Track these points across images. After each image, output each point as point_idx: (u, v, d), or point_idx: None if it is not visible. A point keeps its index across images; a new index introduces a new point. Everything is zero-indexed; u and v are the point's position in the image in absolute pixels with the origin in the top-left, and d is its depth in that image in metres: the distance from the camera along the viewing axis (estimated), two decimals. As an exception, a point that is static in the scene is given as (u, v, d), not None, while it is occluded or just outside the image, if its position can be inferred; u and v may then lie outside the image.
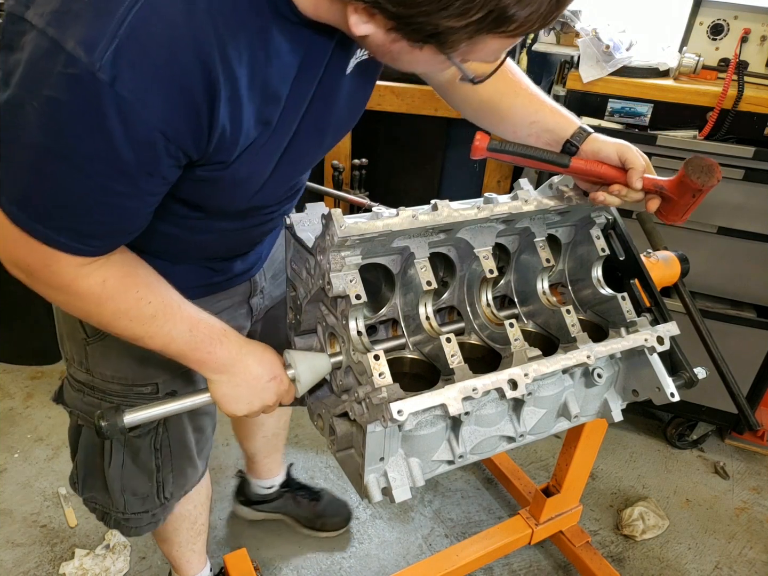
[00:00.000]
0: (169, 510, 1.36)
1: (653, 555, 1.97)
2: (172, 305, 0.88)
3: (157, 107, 0.66)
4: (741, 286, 2.06)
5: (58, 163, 0.68)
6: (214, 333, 0.92)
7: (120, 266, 0.83)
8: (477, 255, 1.01)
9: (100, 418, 0.89)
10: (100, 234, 0.77)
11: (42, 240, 0.73)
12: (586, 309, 1.18)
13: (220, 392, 0.95)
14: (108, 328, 0.87)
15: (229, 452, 2.23)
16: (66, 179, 0.69)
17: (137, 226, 0.81)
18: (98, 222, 0.76)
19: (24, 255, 0.76)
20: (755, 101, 1.80)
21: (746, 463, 2.35)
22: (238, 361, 0.94)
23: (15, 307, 2.44)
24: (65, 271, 0.78)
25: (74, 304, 0.84)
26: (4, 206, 0.72)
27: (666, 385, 1.06)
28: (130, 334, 0.87)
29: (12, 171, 0.71)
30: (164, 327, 0.87)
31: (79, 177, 0.69)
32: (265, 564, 1.85)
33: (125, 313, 0.84)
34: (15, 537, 1.88)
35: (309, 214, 1.03)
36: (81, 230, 0.75)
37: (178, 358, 0.92)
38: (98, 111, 0.64)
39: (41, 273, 0.78)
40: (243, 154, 0.81)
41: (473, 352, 1.07)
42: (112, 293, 0.82)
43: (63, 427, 2.27)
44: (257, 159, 0.84)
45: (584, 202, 1.07)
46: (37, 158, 0.68)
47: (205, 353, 0.91)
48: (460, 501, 2.11)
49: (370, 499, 0.93)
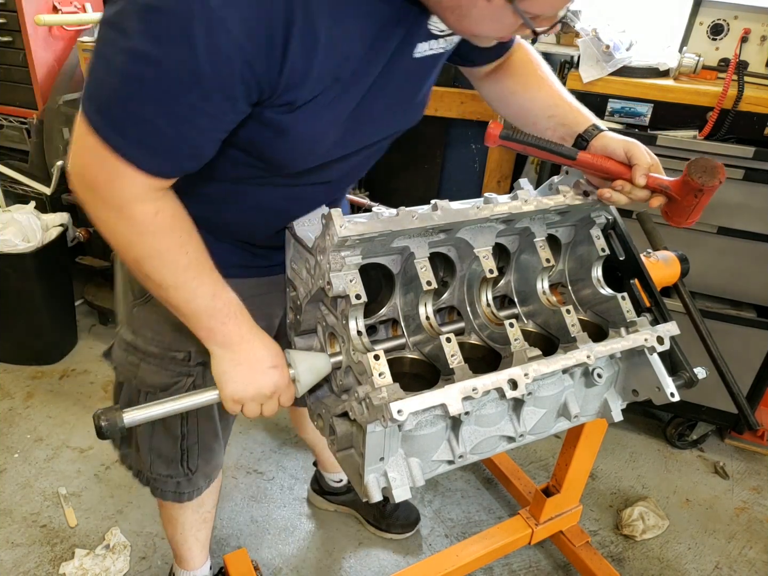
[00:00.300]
0: (196, 489, 1.38)
1: (653, 555, 1.97)
2: (204, 264, 0.90)
3: (239, 23, 0.70)
4: (741, 286, 2.06)
5: (146, 69, 0.72)
6: (232, 306, 0.93)
7: (173, 206, 0.86)
8: (477, 255, 1.01)
9: (99, 418, 0.89)
10: (170, 152, 0.80)
11: (116, 149, 0.77)
12: (586, 309, 1.18)
13: (220, 369, 0.95)
14: (140, 265, 0.87)
15: (229, 452, 2.23)
16: (150, 86, 0.73)
17: (203, 152, 0.83)
18: (170, 137, 0.78)
19: (94, 167, 0.80)
20: (755, 101, 1.80)
21: (746, 463, 2.35)
22: (246, 341, 0.95)
23: (15, 307, 2.44)
24: (127, 191, 0.80)
25: (120, 230, 0.85)
26: (88, 115, 0.77)
27: (666, 385, 1.06)
28: (157, 278, 0.88)
29: (102, 81, 0.76)
30: (191, 282, 0.88)
31: (161, 85, 0.73)
32: (265, 564, 1.85)
33: (162, 253, 0.86)
34: (15, 537, 1.88)
35: (309, 214, 1.03)
36: (153, 145, 0.78)
37: (190, 319, 0.92)
38: (188, 20, 0.69)
39: (104, 189, 0.81)
40: (309, 104, 0.83)
41: (473, 352, 1.07)
42: (159, 228, 0.84)
43: (63, 427, 2.28)
44: (322, 116, 0.86)
45: (583, 201, 1.07)
46: (129, 65, 0.72)
47: (219, 323, 0.92)
48: (460, 501, 2.11)
49: (370, 499, 0.93)
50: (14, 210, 2.47)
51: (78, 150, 0.82)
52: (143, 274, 0.89)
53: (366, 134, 1.00)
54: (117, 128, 0.76)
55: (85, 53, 2.48)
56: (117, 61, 0.73)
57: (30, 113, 2.62)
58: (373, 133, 1.02)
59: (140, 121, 0.76)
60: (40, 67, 2.54)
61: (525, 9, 0.76)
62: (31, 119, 2.63)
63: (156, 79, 0.72)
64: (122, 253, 0.88)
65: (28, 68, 2.53)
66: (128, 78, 0.73)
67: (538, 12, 0.78)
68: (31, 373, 2.54)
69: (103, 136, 0.77)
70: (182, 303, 0.90)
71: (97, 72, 0.76)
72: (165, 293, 0.90)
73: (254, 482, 2.12)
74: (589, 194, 1.07)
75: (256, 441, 2.29)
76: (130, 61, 0.72)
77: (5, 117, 2.69)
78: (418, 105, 1.07)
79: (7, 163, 2.68)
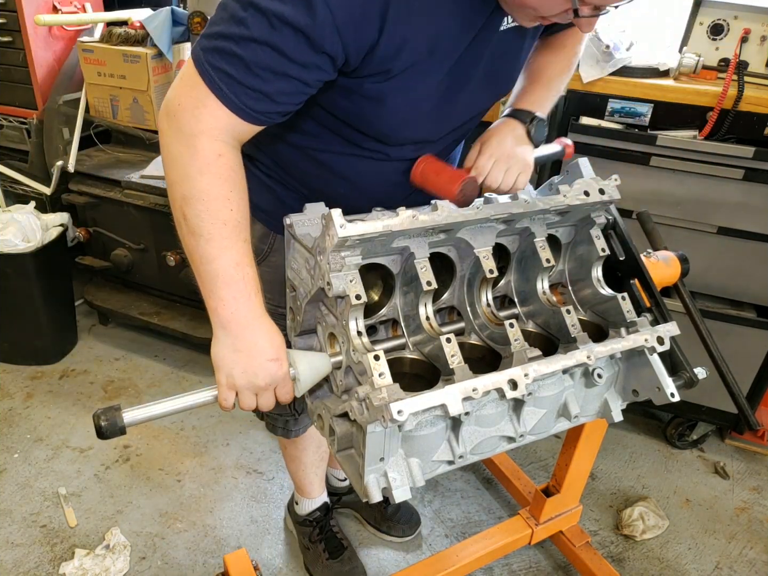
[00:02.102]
0: (300, 428, 1.53)
1: (653, 555, 1.97)
2: (241, 232, 0.92)
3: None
4: (741, 286, 2.05)
5: (247, 14, 0.81)
6: (249, 284, 0.93)
7: (236, 160, 0.91)
8: (477, 255, 1.01)
9: (99, 418, 0.89)
10: (255, 92, 0.86)
11: (205, 79, 0.85)
12: (586, 309, 1.18)
13: (219, 353, 0.95)
14: (185, 204, 0.89)
15: (229, 452, 2.23)
16: (251, 27, 0.81)
17: (285, 103, 0.90)
18: (258, 78, 0.85)
19: (184, 92, 0.87)
20: (755, 101, 1.80)
21: (746, 463, 2.35)
22: (251, 327, 0.94)
23: (15, 307, 2.45)
24: (205, 121, 0.86)
25: (183, 161, 0.88)
26: (197, 47, 0.86)
27: (666, 385, 1.06)
28: (193, 224, 0.89)
29: (215, 21, 0.86)
30: (224, 240, 0.90)
31: (260, 27, 0.81)
32: (265, 564, 1.85)
33: (211, 198, 0.88)
34: (15, 537, 1.88)
35: (309, 214, 1.03)
36: (241, 81, 0.84)
37: (206, 281, 0.92)
38: None
39: (184, 114, 0.87)
40: (404, 73, 0.92)
41: (473, 353, 1.07)
42: (217, 171, 0.88)
43: (62, 427, 2.28)
44: (415, 85, 0.95)
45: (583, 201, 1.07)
46: (236, 10, 0.82)
47: (231, 296, 0.92)
48: (460, 501, 2.11)
49: (370, 499, 0.93)
50: (14, 210, 2.47)
51: (178, 77, 0.89)
52: (183, 215, 0.90)
53: (457, 110, 1.08)
54: (214, 61, 0.84)
55: (84, 53, 2.48)
56: (230, 6, 0.83)
57: (30, 113, 2.62)
58: (464, 110, 1.10)
59: (235, 59, 0.83)
60: (40, 67, 2.54)
61: None
62: (31, 119, 2.63)
63: (254, 24, 0.81)
64: (174, 188, 0.90)
65: (28, 68, 2.53)
66: (232, 20, 0.82)
67: None
68: (30, 374, 2.54)
69: (198, 66, 0.85)
70: (205, 259, 0.91)
71: (216, 14, 0.86)
72: (195, 242, 0.90)
73: (254, 482, 2.12)
74: (589, 194, 1.07)
75: (256, 441, 2.29)
76: (237, 8, 0.82)
77: (5, 117, 2.69)
78: (507, 79, 1.14)
79: (7, 163, 2.68)
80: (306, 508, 1.85)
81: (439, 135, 1.11)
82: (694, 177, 1.89)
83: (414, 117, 1.02)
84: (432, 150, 1.13)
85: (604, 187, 1.09)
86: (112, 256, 2.60)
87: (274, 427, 1.54)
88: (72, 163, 2.50)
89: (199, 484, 2.10)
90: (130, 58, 2.42)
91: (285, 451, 1.72)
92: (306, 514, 1.85)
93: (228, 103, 0.86)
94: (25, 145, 2.72)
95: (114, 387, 2.50)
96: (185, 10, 2.38)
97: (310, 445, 1.66)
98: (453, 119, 1.11)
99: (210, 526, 1.95)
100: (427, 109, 1.02)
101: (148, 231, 2.49)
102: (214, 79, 0.84)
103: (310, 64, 0.85)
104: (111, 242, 2.60)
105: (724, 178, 1.87)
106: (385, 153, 1.09)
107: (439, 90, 1.00)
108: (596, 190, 1.08)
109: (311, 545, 1.83)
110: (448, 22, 0.91)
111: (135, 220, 2.49)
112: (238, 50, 0.83)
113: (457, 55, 0.97)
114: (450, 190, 1.05)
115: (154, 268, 2.58)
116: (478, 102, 1.11)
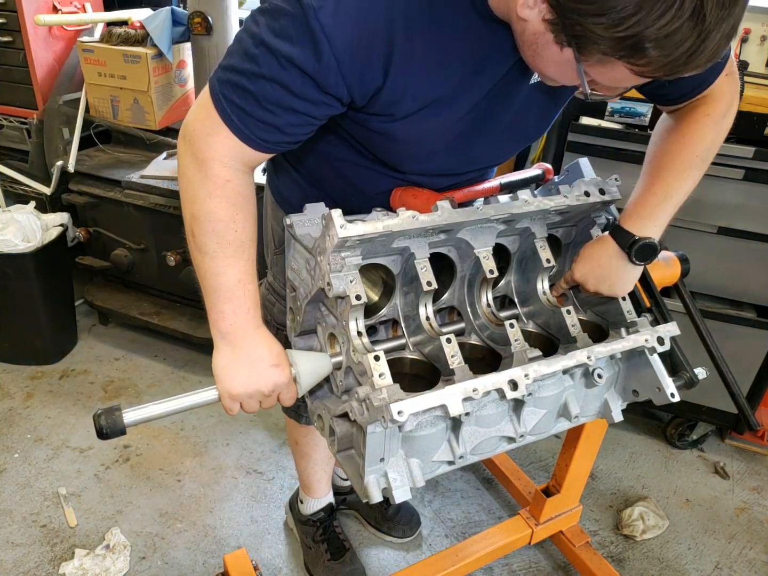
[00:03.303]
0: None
1: (653, 555, 1.97)
2: (245, 251, 0.96)
3: (344, 40, 0.83)
4: (741, 286, 2.05)
5: (264, 52, 0.84)
6: (249, 300, 0.97)
7: (245, 185, 0.95)
8: (477, 255, 1.01)
9: (99, 418, 0.89)
10: (265, 125, 0.89)
11: (218, 109, 0.89)
12: (586, 309, 1.18)
13: (221, 363, 0.98)
14: (194, 223, 0.94)
15: (228, 452, 2.23)
16: (261, 64, 0.85)
17: (294, 134, 0.93)
18: (267, 111, 0.88)
19: (199, 119, 0.92)
20: (755, 101, 1.80)
21: (746, 463, 2.35)
22: (250, 337, 0.98)
23: (15, 307, 2.44)
24: (216, 148, 0.90)
25: (194, 183, 0.93)
26: (214, 75, 0.90)
27: (666, 385, 1.06)
28: (202, 241, 0.94)
29: (232, 53, 0.89)
30: (227, 259, 0.94)
31: (270, 66, 0.85)
32: (265, 564, 1.85)
33: (217, 220, 0.93)
34: (15, 537, 1.88)
35: (309, 214, 1.03)
36: (252, 114, 0.88)
37: (209, 294, 0.97)
38: (301, 24, 0.82)
39: (198, 141, 0.91)
40: (409, 117, 0.94)
41: (473, 353, 1.07)
42: (224, 196, 0.92)
43: (62, 427, 2.28)
44: (423, 126, 0.97)
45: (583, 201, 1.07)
46: (251, 47, 0.85)
47: (231, 310, 0.96)
48: (460, 501, 2.11)
49: (371, 499, 0.93)
50: (14, 210, 2.47)
51: (196, 102, 0.93)
52: (192, 232, 0.95)
53: (477, 153, 1.08)
54: (227, 93, 0.88)
55: (85, 53, 2.48)
56: (244, 41, 0.87)
57: (30, 113, 2.62)
58: (485, 154, 1.10)
59: (246, 93, 0.87)
60: (40, 67, 2.54)
61: (587, 71, 0.80)
62: (31, 119, 2.63)
63: (264, 62, 0.84)
64: (185, 207, 0.95)
65: (28, 68, 2.52)
66: (245, 55, 0.86)
67: (598, 80, 0.82)
68: (30, 373, 2.53)
69: (213, 95, 0.89)
70: (209, 274, 0.95)
71: (233, 46, 0.89)
72: (201, 258, 0.95)
73: (254, 482, 2.12)
74: (589, 195, 1.07)
75: (256, 441, 2.29)
76: (250, 44, 0.85)
77: (5, 117, 2.69)
78: (535, 132, 1.13)
79: (7, 163, 2.68)
80: (311, 508, 1.85)
81: (457, 171, 1.12)
82: (694, 177, 1.89)
83: (423, 155, 1.04)
84: (454, 180, 1.13)
85: (604, 187, 1.09)
86: (112, 256, 2.60)
87: (287, 409, 1.55)
88: (72, 163, 2.50)
89: (199, 484, 2.10)
90: (131, 59, 2.42)
91: (296, 447, 1.72)
92: (310, 513, 1.85)
93: (239, 134, 0.90)
94: (25, 145, 2.72)
95: (114, 387, 2.50)
96: (185, 10, 2.37)
97: (321, 441, 1.65)
98: (473, 161, 1.11)
99: (210, 526, 1.95)
100: (439, 148, 1.03)
101: (148, 231, 2.49)
102: (227, 110, 0.88)
103: (317, 101, 0.88)
104: (111, 242, 2.60)
105: (724, 178, 1.87)
106: (401, 172, 1.09)
107: (452, 132, 1.00)
108: (596, 190, 1.08)
109: (314, 545, 1.83)
110: (460, 69, 0.92)
111: (135, 220, 2.49)
112: (249, 85, 0.86)
113: (473, 103, 0.97)
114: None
115: (154, 268, 2.58)
116: (501, 150, 1.12)
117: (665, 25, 0.69)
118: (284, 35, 0.83)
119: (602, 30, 0.71)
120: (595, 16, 0.71)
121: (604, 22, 0.70)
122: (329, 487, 1.87)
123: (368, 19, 0.83)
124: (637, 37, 0.70)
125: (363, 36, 0.84)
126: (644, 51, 0.72)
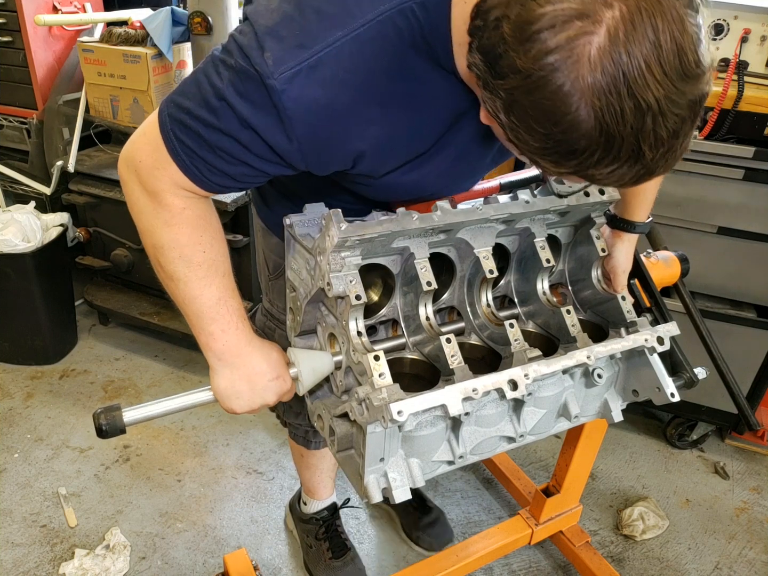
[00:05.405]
0: (321, 440, 1.54)
1: (653, 555, 1.97)
2: (218, 268, 0.94)
3: (306, 128, 0.80)
4: (741, 286, 2.05)
5: (225, 107, 0.80)
6: (234, 315, 0.95)
7: (203, 208, 0.92)
8: (477, 255, 1.01)
9: (99, 418, 0.89)
10: (217, 170, 0.86)
11: (168, 146, 0.84)
12: (586, 309, 1.18)
13: (221, 386, 0.97)
14: (158, 253, 0.92)
15: (228, 452, 2.23)
16: (221, 119, 0.81)
17: (246, 182, 0.91)
18: (220, 159, 0.85)
19: (146, 151, 0.87)
20: (755, 101, 1.79)
21: (746, 463, 2.35)
22: (245, 353, 0.96)
23: (15, 307, 2.45)
24: (164, 181, 0.87)
25: (148, 214, 0.90)
26: (164, 107, 0.85)
27: (666, 385, 1.06)
28: (171, 269, 0.92)
29: (186, 92, 0.84)
30: (201, 280, 0.92)
31: (229, 122, 0.81)
32: (265, 564, 1.85)
33: (181, 246, 0.90)
34: (15, 537, 1.88)
35: (309, 215, 1.03)
36: (203, 158, 0.85)
37: (193, 320, 0.95)
38: (264, 96, 0.78)
39: (146, 172, 0.87)
40: (388, 175, 0.92)
41: (473, 353, 1.07)
42: (183, 221, 0.89)
43: (62, 427, 2.28)
44: (403, 179, 0.94)
45: (583, 201, 1.07)
46: (208, 96, 0.81)
47: (219, 329, 0.94)
48: (460, 501, 2.11)
49: (370, 499, 0.93)
50: (14, 210, 2.47)
51: (141, 131, 0.88)
52: (158, 262, 0.93)
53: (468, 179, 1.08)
54: (179, 133, 0.84)
55: (85, 53, 2.48)
56: (204, 88, 0.81)
57: (30, 113, 2.62)
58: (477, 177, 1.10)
59: (200, 138, 0.83)
60: (40, 67, 2.54)
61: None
62: (31, 119, 2.63)
63: (224, 117, 0.80)
64: (144, 237, 0.92)
65: (28, 68, 2.52)
66: (204, 103, 0.81)
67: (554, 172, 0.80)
68: (30, 373, 2.53)
69: (162, 130, 0.84)
70: (187, 299, 0.93)
71: (189, 82, 0.85)
72: (174, 285, 0.93)
73: (254, 482, 2.12)
74: (589, 194, 1.07)
75: (256, 441, 2.29)
76: (211, 93, 0.80)
77: (5, 117, 2.69)
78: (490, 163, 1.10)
79: (7, 163, 2.68)
80: (314, 508, 1.85)
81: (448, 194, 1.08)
82: (694, 177, 1.89)
83: (413, 194, 1.01)
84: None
85: (604, 188, 1.09)
86: (112, 256, 2.60)
87: (296, 435, 1.57)
88: (72, 163, 2.50)
89: (199, 484, 2.10)
90: (130, 58, 2.42)
91: (301, 459, 1.71)
92: (313, 512, 1.85)
93: (189, 174, 0.86)
94: (25, 145, 2.72)
95: (114, 387, 2.50)
96: (185, 10, 2.37)
97: (328, 452, 1.65)
98: (465, 185, 1.09)
99: (210, 526, 1.95)
100: (427, 186, 1.00)
101: (148, 231, 2.49)
102: (177, 149, 0.84)
103: (273, 161, 0.85)
104: (111, 242, 2.60)
105: (724, 178, 1.87)
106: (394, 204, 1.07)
107: (440, 175, 0.98)
108: (596, 190, 1.08)
109: (315, 543, 1.83)
110: (438, 128, 0.90)
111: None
112: (204, 133, 0.82)
113: (459, 150, 0.95)
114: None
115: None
116: (494, 167, 1.10)
117: (605, 169, 0.67)
118: (248, 99, 0.79)
119: (549, 164, 0.70)
120: (541, 154, 0.69)
121: (549, 160, 0.69)
122: (333, 488, 1.87)
123: (334, 109, 0.79)
124: (582, 173, 0.69)
125: (326, 126, 0.80)
126: (592, 179, 0.71)
